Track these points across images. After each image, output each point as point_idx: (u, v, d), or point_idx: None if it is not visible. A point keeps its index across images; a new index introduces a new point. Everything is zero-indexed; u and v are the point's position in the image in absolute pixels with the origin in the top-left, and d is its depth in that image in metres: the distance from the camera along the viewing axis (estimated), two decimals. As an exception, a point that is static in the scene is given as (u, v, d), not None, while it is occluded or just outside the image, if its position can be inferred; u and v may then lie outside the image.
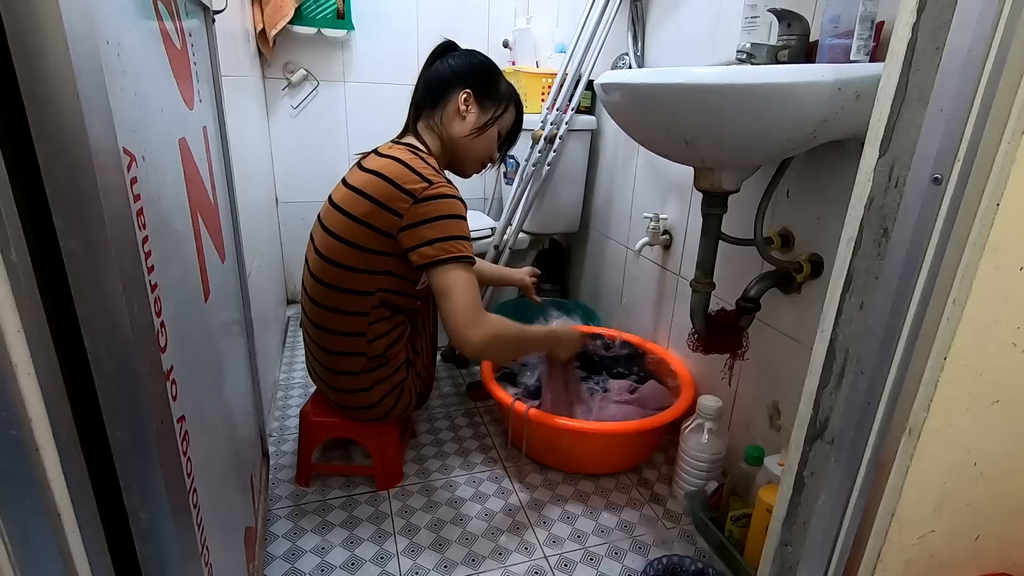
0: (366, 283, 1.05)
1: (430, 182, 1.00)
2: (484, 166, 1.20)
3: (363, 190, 1.02)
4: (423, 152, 1.07)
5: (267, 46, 1.79)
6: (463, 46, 1.96)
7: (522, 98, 1.78)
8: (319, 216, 1.11)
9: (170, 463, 0.44)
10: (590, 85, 1.66)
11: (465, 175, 1.22)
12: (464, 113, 1.11)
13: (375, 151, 1.10)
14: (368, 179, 1.03)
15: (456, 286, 0.98)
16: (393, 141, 1.13)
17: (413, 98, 1.15)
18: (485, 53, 1.16)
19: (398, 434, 1.22)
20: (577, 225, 1.88)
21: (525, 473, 1.27)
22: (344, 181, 1.09)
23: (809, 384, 0.65)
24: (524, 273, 1.48)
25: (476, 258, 1.06)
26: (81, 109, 0.34)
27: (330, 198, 1.10)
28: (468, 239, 1.02)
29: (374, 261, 1.03)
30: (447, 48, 1.16)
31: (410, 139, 1.11)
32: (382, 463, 1.20)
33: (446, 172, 1.15)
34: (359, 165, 1.09)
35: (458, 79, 1.10)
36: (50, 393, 0.36)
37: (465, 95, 1.10)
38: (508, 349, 1.15)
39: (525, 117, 1.73)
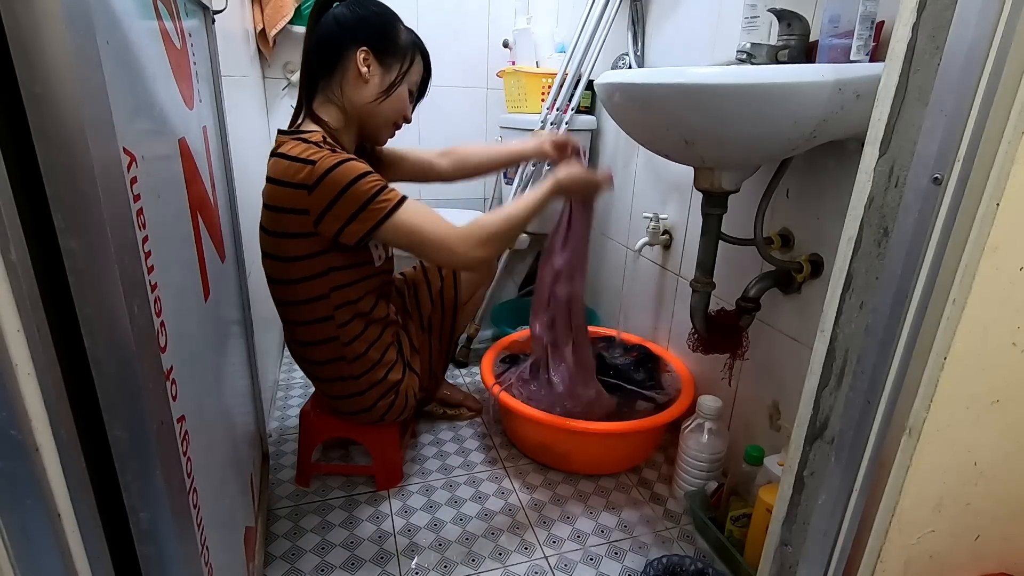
0: (315, 288, 0.99)
1: (312, 162, 0.89)
2: (399, 127, 1.08)
3: (267, 202, 0.96)
4: (307, 134, 0.94)
5: (267, 46, 1.79)
6: (464, 46, 1.87)
7: (522, 98, 1.80)
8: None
9: (170, 463, 0.44)
10: (590, 85, 1.66)
11: (379, 142, 1.11)
12: (366, 76, 0.97)
13: (271, 152, 0.98)
14: (267, 188, 0.96)
15: (411, 232, 0.92)
16: (282, 132, 0.99)
17: (303, 69, 0.99)
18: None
19: (399, 434, 1.22)
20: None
21: (525, 473, 1.27)
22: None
23: (809, 384, 0.65)
24: (541, 141, 1.21)
25: (458, 152, 1.06)
26: (81, 109, 0.34)
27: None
28: (380, 188, 0.91)
29: (309, 266, 0.97)
30: (329, 2, 0.99)
31: (304, 125, 0.99)
32: (382, 463, 1.20)
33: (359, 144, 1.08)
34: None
35: (349, 37, 0.95)
36: (50, 393, 0.36)
37: (363, 54, 0.96)
38: (502, 234, 0.99)
39: (524, 117, 1.75)
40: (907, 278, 0.52)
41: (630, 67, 1.51)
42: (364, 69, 0.97)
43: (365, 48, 0.96)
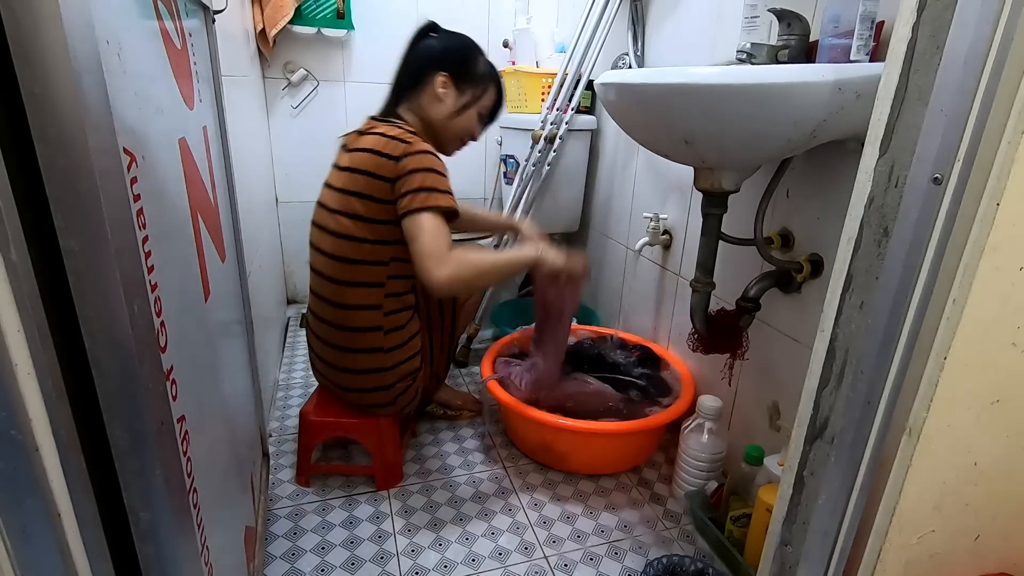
0: (379, 253, 1.08)
1: (408, 143, 1.03)
2: (464, 143, 1.22)
3: (355, 167, 1.06)
4: (400, 121, 1.11)
5: (267, 46, 1.79)
6: None
7: (522, 98, 1.80)
8: (319, 201, 1.14)
9: (170, 463, 0.44)
10: (590, 85, 1.66)
11: (446, 153, 1.21)
12: (442, 96, 1.13)
13: (357, 131, 1.13)
14: (357, 156, 1.07)
15: (422, 231, 0.99)
16: (372, 118, 1.15)
17: (394, 81, 1.17)
18: (467, 35, 1.19)
19: (399, 434, 1.22)
20: (577, 225, 1.88)
21: (525, 473, 1.27)
22: (335, 165, 1.13)
23: (809, 384, 0.64)
24: (520, 223, 1.34)
25: (463, 206, 1.11)
26: (81, 109, 0.34)
27: (327, 183, 1.13)
28: (443, 191, 1.02)
29: (381, 231, 1.06)
30: (428, 30, 1.18)
31: (389, 116, 1.15)
32: (382, 463, 1.20)
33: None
34: (345, 147, 1.13)
35: (434, 62, 1.13)
36: (50, 393, 0.36)
37: (442, 79, 1.12)
38: (477, 275, 1.05)
39: (524, 117, 1.75)
40: (907, 278, 0.52)
41: (630, 67, 1.51)
42: (441, 91, 1.13)
43: (445, 73, 1.12)
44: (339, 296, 1.10)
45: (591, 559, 1.04)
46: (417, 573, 1.01)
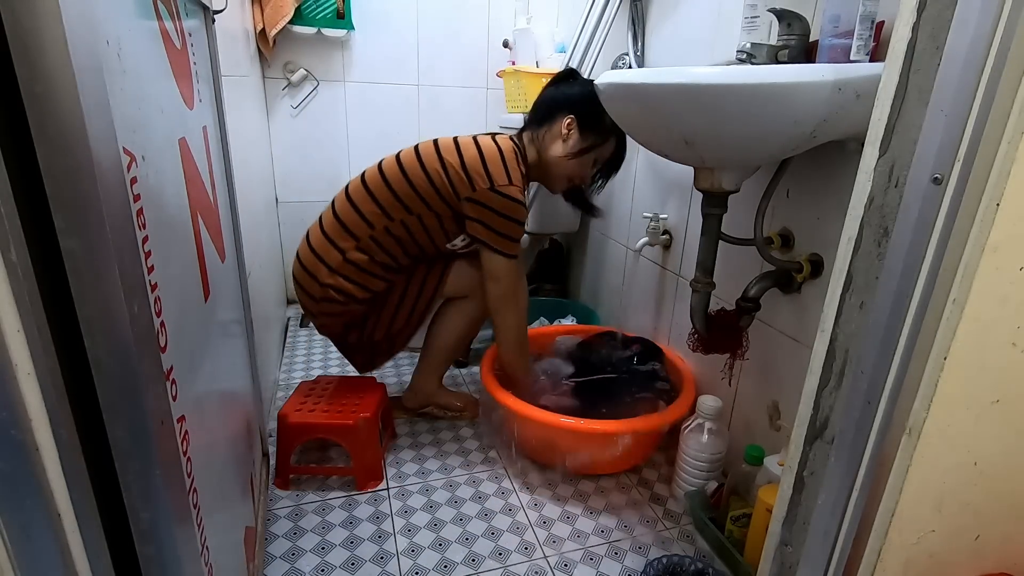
0: (397, 210, 1.19)
1: (510, 182, 1.15)
2: (574, 185, 1.31)
3: (443, 151, 1.17)
4: (519, 155, 1.21)
5: (267, 46, 1.79)
6: (463, 45, 2.02)
7: (522, 98, 1.80)
8: (379, 164, 1.23)
9: (170, 463, 0.44)
10: (590, 85, 1.66)
11: (552, 191, 1.35)
12: (565, 136, 1.22)
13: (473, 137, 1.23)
14: (461, 141, 1.19)
15: (504, 274, 1.22)
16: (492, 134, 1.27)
17: (527, 117, 1.30)
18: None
19: (378, 434, 1.22)
20: (577, 225, 1.88)
21: (525, 473, 1.27)
22: (415, 148, 1.22)
23: (809, 384, 0.65)
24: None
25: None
26: (81, 109, 0.34)
27: (397, 156, 1.22)
28: (517, 238, 1.21)
29: (416, 201, 1.18)
30: (569, 75, 1.29)
31: (515, 137, 1.26)
32: (361, 464, 1.20)
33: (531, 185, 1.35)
34: (436, 141, 1.22)
35: (566, 104, 1.21)
36: (50, 393, 0.36)
37: (568, 120, 1.21)
38: (511, 334, 1.30)
39: (524, 117, 1.74)
40: (907, 278, 0.52)
41: (630, 67, 1.51)
42: (565, 131, 1.22)
43: (572, 116, 1.21)
44: (342, 211, 1.21)
45: (591, 559, 1.04)
46: (417, 573, 1.01)
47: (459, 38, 2.03)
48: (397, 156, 1.22)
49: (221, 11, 0.95)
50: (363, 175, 1.24)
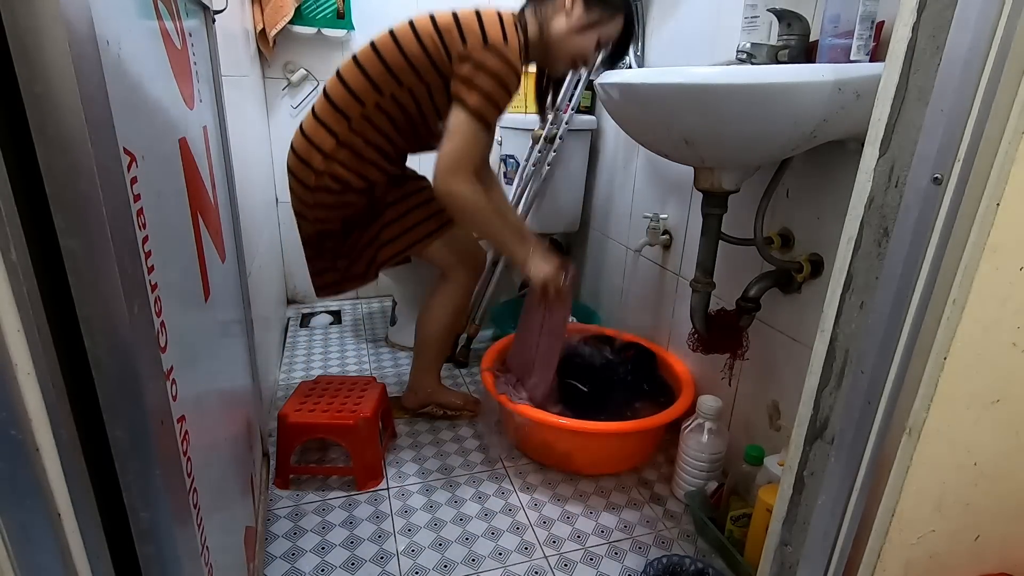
0: (387, 83, 1.14)
1: (506, 42, 1.07)
2: (576, 66, 1.21)
3: (439, 18, 1.11)
4: (519, 25, 1.13)
5: (267, 46, 1.79)
6: None
7: (522, 98, 1.80)
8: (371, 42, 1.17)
9: (170, 463, 0.44)
10: (590, 85, 1.66)
11: (555, 71, 1.25)
12: (568, 10, 1.13)
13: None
14: (459, 10, 1.12)
15: (460, 133, 1.08)
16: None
17: None
18: None
19: (378, 434, 1.22)
20: (577, 225, 1.88)
21: (525, 473, 1.27)
22: (410, 20, 1.15)
23: (809, 384, 0.65)
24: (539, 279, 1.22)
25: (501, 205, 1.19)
26: (81, 109, 0.34)
27: (391, 30, 1.16)
28: (501, 109, 1.11)
29: (407, 70, 1.12)
30: None
31: (517, 13, 1.17)
32: (362, 464, 1.20)
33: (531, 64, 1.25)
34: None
35: None
36: (50, 393, 0.36)
37: None
38: (466, 216, 1.16)
39: (524, 117, 1.75)
40: (907, 278, 0.52)
41: (630, 67, 1.51)
42: (568, 4, 1.13)
43: None
44: (332, 91, 1.17)
45: (591, 559, 1.04)
46: (417, 573, 1.01)
47: (459, 38, 2.03)
48: (391, 30, 1.16)
49: (221, 11, 0.95)
50: (355, 54, 1.18)
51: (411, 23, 1.14)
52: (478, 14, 1.10)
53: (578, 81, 1.61)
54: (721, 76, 0.75)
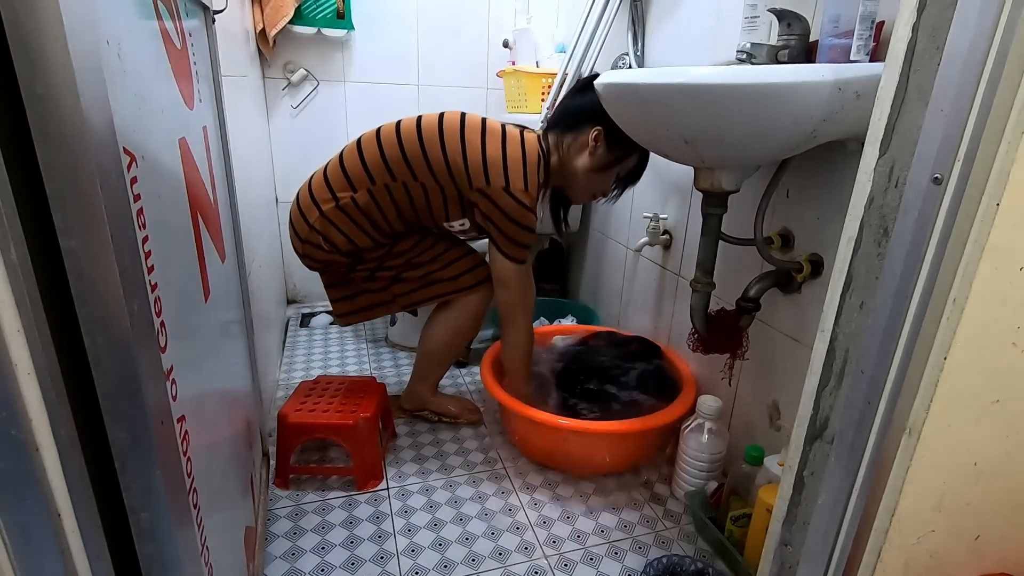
0: (402, 172, 1.16)
1: (526, 188, 1.13)
2: (595, 199, 1.28)
3: (468, 132, 1.15)
4: (542, 161, 1.19)
5: (267, 46, 1.79)
6: (464, 46, 1.99)
7: (522, 98, 1.80)
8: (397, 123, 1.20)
9: (170, 463, 0.44)
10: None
11: (575, 201, 1.33)
12: (591, 149, 1.18)
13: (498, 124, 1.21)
14: (489, 127, 1.17)
15: (509, 284, 1.21)
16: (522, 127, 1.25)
17: (551, 117, 1.26)
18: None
19: (378, 434, 1.22)
20: (577, 225, 1.88)
21: (525, 473, 1.27)
22: (439, 117, 1.18)
23: (809, 384, 0.65)
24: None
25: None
26: (81, 109, 0.34)
27: (418, 120, 1.18)
28: (526, 245, 1.19)
29: (425, 171, 1.16)
30: (595, 80, 1.25)
31: (541, 137, 1.23)
32: (361, 464, 1.20)
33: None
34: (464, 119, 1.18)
35: (594, 116, 1.14)
36: (50, 393, 0.36)
37: (596, 132, 1.16)
38: (517, 350, 1.29)
39: (524, 117, 1.75)
40: (907, 278, 0.52)
41: (630, 67, 1.51)
42: (592, 143, 1.17)
43: (600, 128, 1.15)
44: (348, 158, 1.20)
45: (591, 559, 1.04)
46: (417, 573, 1.01)
47: (459, 38, 2.03)
48: (418, 120, 1.18)
49: (221, 11, 0.95)
50: (379, 129, 1.20)
51: (440, 123, 1.16)
52: (504, 151, 1.14)
53: (577, 81, 1.61)
54: (721, 76, 0.75)
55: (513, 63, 1.90)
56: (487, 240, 1.23)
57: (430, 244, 1.27)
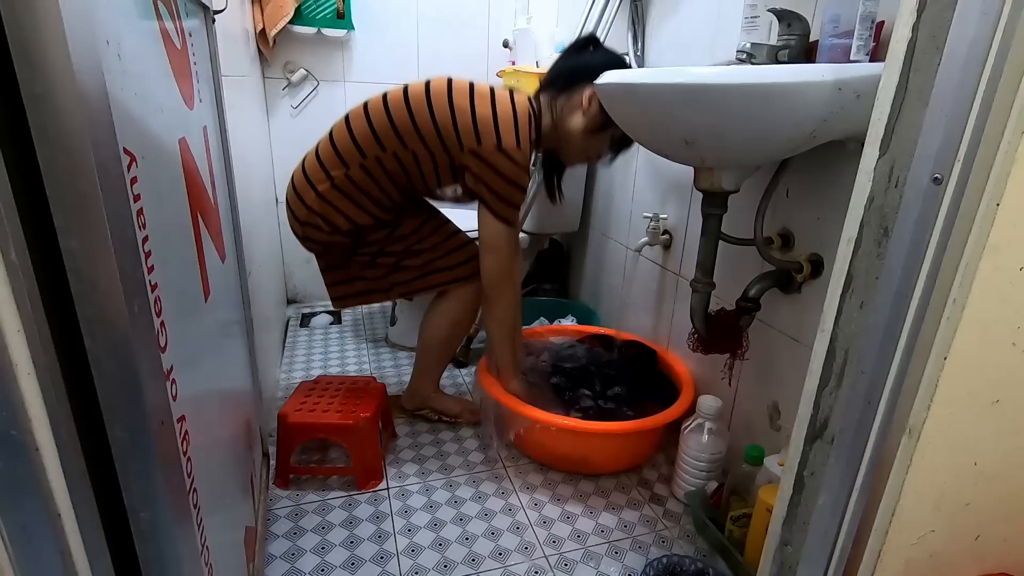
0: (391, 141, 1.14)
1: (518, 145, 1.10)
2: (589, 162, 1.25)
3: (456, 95, 1.12)
4: (533, 119, 1.15)
5: (267, 46, 1.79)
6: (464, 46, 1.98)
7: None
8: (384, 95, 1.17)
9: (170, 463, 0.44)
10: (590, 85, 1.66)
11: (567, 164, 1.29)
12: (585, 110, 1.14)
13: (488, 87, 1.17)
14: (477, 89, 1.14)
15: (498, 248, 1.17)
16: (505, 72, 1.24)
17: (545, 78, 1.22)
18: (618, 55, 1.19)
19: (378, 434, 1.22)
20: (577, 225, 1.88)
21: (525, 473, 1.27)
22: (426, 84, 1.16)
23: (809, 384, 0.64)
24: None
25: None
26: (81, 109, 0.34)
27: (405, 88, 1.16)
28: (518, 206, 1.15)
29: (414, 137, 1.13)
30: (589, 42, 1.20)
31: (532, 98, 1.20)
32: (361, 464, 1.20)
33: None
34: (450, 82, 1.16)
35: (588, 75, 1.09)
36: (50, 393, 0.36)
37: (590, 92, 1.12)
38: (500, 323, 1.26)
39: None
40: (907, 278, 0.52)
41: (630, 67, 1.51)
42: (586, 104, 1.14)
43: (593, 88, 1.09)
44: (337, 134, 1.18)
45: (591, 559, 1.04)
46: (417, 573, 1.01)
47: (459, 38, 2.03)
48: (405, 88, 1.15)
49: (221, 11, 0.95)
50: (366, 103, 1.18)
51: (427, 89, 1.14)
52: (494, 109, 1.11)
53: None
54: (721, 76, 0.75)
55: (513, 63, 1.90)
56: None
57: (430, 231, 1.26)
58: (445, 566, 1.02)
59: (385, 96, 1.16)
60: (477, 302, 1.33)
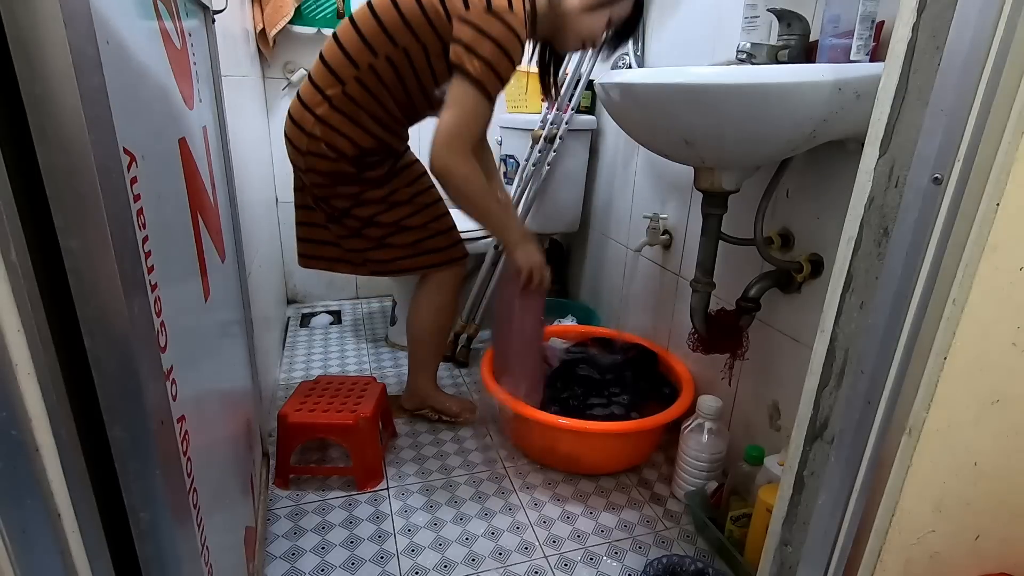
0: (382, 43, 1.08)
1: (511, 7, 1.02)
2: (585, 47, 1.18)
3: None
4: None
5: (267, 46, 1.79)
6: None
7: (522, 98, 1.80)
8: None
9: (170, 463, 0.44)
10: (590, 85, 1.66)
11: (564, 49, 1.22)
12: None
13: None
14: None
15: (462, 106, 1.04)
16: None
17: None
18: None
19: (378, 434, 1.22)
20: (577, 225, 1.88)
21: (525, 473, 1.27)
22: None
23: (809, 384, 0.65)
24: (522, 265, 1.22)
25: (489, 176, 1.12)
26: (81, 109, 0.34)
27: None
28: (503, 80, 1.05)
29: (402, 30, 1.06)
30: None
31: None
32: (362, 464, 1.20)
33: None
34: None
35: None
36: (50, 393, 0.36)
37: None
38: (461, 196, 1.11)
39: (524, 117, 1.75)
40: (907, 278, 0.52)
41: (630, 67, 1.51)
42: None
43: None
44: (329, 53, 1.12)
45: (591, 559, 1.04)
46: (417, 573, 1.01)
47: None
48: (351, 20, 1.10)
49: (221, 11, 0.95)
50: (350, 16, 1.13)
51: None
52: None
53: (577, 81, 1.61)
54: (721, 76, 0.75)
55: (513, 63, 1.89)
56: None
57: (421, 207, 1.24)
58: (445, 566, 1.02)
59: (369, 1, 1.11)
60: (457, 284, 1.32)
